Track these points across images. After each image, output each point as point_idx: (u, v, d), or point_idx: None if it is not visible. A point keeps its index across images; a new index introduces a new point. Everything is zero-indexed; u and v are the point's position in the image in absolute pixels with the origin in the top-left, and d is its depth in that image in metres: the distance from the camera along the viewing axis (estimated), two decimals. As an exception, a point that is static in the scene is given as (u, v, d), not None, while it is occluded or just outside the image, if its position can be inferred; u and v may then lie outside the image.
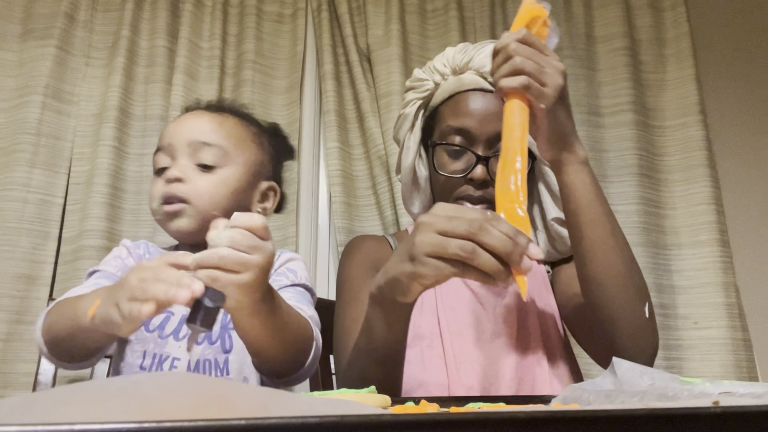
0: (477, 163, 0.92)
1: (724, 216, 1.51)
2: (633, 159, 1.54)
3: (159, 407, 0.30)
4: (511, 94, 0.72)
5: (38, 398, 0.31)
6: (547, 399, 0.60)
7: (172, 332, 0.77)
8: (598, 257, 0.77)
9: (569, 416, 0.31)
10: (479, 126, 0.92)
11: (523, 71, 0.70)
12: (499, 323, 0.91)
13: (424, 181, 1.02)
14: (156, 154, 0.86)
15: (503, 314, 0.92)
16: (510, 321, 0.92)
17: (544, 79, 0.71)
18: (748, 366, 1.40)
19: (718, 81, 1.75)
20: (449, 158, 0.95)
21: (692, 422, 0.31)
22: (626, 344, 0.78)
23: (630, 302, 0.77)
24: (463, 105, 0.94)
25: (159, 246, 0.91)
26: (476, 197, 0.93)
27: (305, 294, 0.84)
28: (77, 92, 1.55)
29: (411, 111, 1.01)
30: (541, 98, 0.71)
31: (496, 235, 0.57)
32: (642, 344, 0.79)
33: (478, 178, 0.91)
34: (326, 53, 1.62)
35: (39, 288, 1.40)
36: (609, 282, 0.77)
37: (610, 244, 0.77)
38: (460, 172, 0.93)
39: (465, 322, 0.91)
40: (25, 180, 1.43)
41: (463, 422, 0.30)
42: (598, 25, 1.66)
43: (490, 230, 0.57)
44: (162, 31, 1.58)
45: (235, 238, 0.53)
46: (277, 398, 0.35)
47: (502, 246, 0.56)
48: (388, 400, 0.55)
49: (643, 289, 0.80)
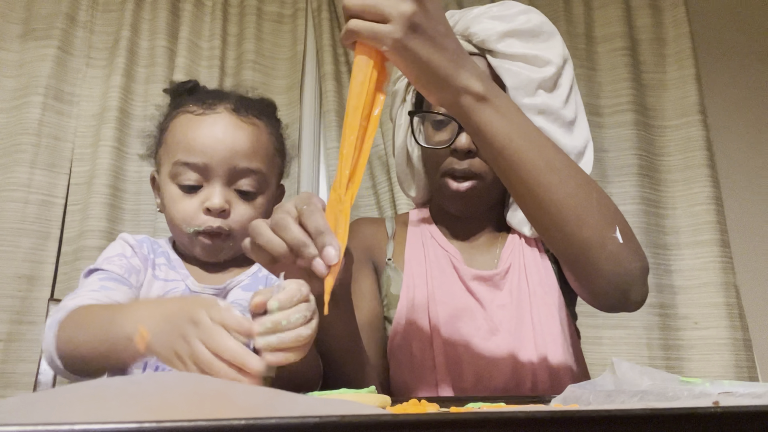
0: (460, 129, 0.84)
1: (724, 216, 1.51)
2: (633, 159, 1.54)
3: (159, 407, 0.30)
4: (357, 49, 0.60)
5: (38, 398, 0.31)
6: (547, 399, 0.60)
7: None
8: (540, 201, 0.66)
9: (569, 416, 0.31)
10: None
11: (351, 13, 0.59)
12: (495, 321, 0.86)
13: (416, 159, 0.96)
14: (180, 166, 0.78)
15: (499, 311, 0.87)
16: (507, 319, 0.87)
17: (384, 12, 0.57)
18: (748, 366, 1.40)
19: (718, 81, 1.75)
20: (433, 129, 0.89)
21: (692, 422, 0.31)
22: (609, 275, 0.70)
23: (594, 235, 0.68)
24: None
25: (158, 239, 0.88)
26: (460, 171, 0.86)
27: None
28: (77, 93, 1.55)
29: (401, 86, 0.96)
30: (380, 39, 0.58)
31: (291, 230, 0.55)
32: (627, 267, 0.70)
33: (462, 148, 0.84)
34: (326, 53, 1.62)
35: (40, 288, 1.40)
36: (562, 223, 0.67)
37: (549, 181, 0.65)
38: (445, 143, 0.86)
39: (458, 319, 0.87)
40: (26, 180, 1.43)
41: (463, 422, 0.30)
42: (598, 25, 1.66)
43: (287, 226, 0.56)
44: (162, 31, 1.58)
45: (291, 319, 0.49)
46: (277, 398, 0.35)
47: (291, 240, 0.55)
48: (388, 400, 0.55)
49: (609, 215, 0.70)
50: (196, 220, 0.77)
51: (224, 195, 0.77)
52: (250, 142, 0.80)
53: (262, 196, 0.82)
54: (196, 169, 0.78)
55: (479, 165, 0.86)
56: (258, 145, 0.81)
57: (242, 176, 0.79)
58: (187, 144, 0.78)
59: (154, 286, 0.79)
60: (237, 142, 0.78)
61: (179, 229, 0.79)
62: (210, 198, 0.77)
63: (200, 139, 0.78)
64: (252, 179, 0.79)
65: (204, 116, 0.80)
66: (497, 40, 0.83)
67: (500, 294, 0.89)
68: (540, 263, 0.92)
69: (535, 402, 0.58)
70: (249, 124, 0.81)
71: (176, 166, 0.78)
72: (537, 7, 1.67)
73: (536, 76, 0.82)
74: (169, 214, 0.81)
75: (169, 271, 0.81)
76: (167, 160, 0.81)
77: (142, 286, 0.78)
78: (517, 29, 0.83)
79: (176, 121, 0.82)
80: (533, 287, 0.89)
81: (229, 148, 0.78)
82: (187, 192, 0.78)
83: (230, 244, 0.79)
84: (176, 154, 0.79)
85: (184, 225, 0.78)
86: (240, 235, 0.78)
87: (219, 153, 0.77)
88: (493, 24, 0.84)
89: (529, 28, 0.84)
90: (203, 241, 0.78)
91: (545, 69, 0.83)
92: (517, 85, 0.83)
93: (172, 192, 0.79)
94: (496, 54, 0.84)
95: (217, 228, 0.77)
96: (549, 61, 0.84)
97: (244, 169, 0.78)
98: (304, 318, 0.50)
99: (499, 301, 0.88)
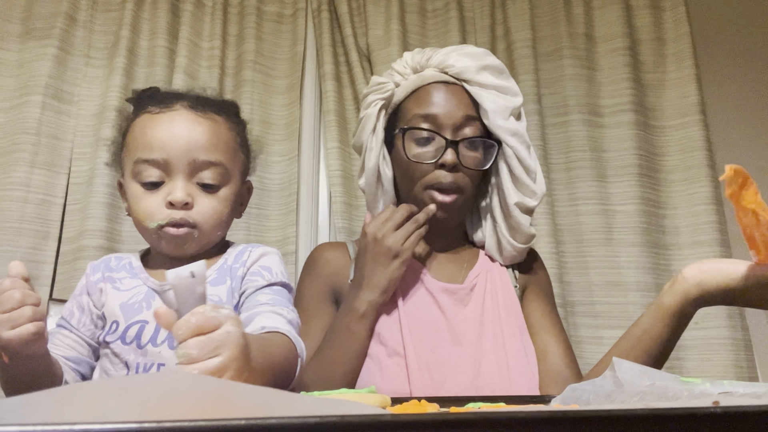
0: (447, 147, 0.93)
1: (724, 216, 1.51)
2: (633, 159, 1.54)
3: (159, 407, 0.30)
4: None
5: (38, 398, 0.31)
6: (547, 399, 0.60)
7: (150, 340, 0.76)
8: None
9: (569, 416, 0.31)
10: (445, 111, 0.94)
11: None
12: (461, 330, 0.92)
13: (387, 182, 1.01)
14: (141, 164, 0.79)
15: (465, 321, 0.93)
16: (472, 328, 0.92)
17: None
18: (748, 366, 1.40)
19: (718, 81, 1.75)
20: (417, 146, 0.95)
21: (692, 422, 0.31)
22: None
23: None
24: (428, 95, 0.96)
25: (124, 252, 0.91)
26: (447, 183, 0.93)
27: (283, 292, 0.81)
28: (77, 92, 1.54)
29: (373, 111, 1.00)
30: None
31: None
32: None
33: (449, 163, 0.92)
34: (326, 53, 1.62)
35: (39, 288, 1.40)
36: None
37: None
38: (431, 158, 0.94)
39: (427, 328, 0.92)
40: (25, 180, 1.43)
41: (463, 422, 0.30)
42: (598, 25, 1.66)
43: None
44: (162, 31, 1.58)
45: (190, 356, 0.48)
46: (277, 398, 0.35)
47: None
48: (388, 400, 0.55)
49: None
50: (160, 214, 0.78)
51: (186, 188, 0.79)
52: (209, 135, 0.81)
53: (226, 188, 0.82)
54: (156, 165, 0.79)
55: (462, 179, 0.95)
56: (217, 138, 0.82)
57: (202, 168, 0.80)
58: (146, 142, 0.80)
59: (115, 299, 0.80)
60: (195, 136, 0.80)
61: (143, 225, 0.80)
62: (172, 192, 0.78)
63: (158, 136, 0.79)
64: (213, 171, 0.80)
65: (161, 114, 0.82)
66: (475, 72, 0.96)
67: (464, 309, 0.95)
68: (508, 289, 0.99)
69: (535, 402, 0.59)
70: (207, 119, 0.82)
71: (137, 164, 0.80)
72: (537, 7, 1.69)
73: (510, 105, 0.96)
74: (133, 213, 0.82)
75: (131, 279, 0.82)
76: (129, 160, 0.82)
77: (99, 308, 0.81)
78: (488, 65, 0.97)
79: (135, 123, 0.84)
80: (498, 309, 0.96)
81: (186, 141, 0.79)
82: (149, 189, 0.79)
83: (195, 235, 0.80)
84: (137, 153, 0.80)
85: (148, 221, 0.79)
86: (205, 228, 0.80)
87: (177, 147, 0.78)
88: (467, 59, 0.97)
89: (496, 65, 0.98)
90: (168, 233, 0.78)
91: (516, 99, 0.97)
92: (495, 110, 0.95)
93: (135, 190, 0.80)
94: (473, 83, 0.96)
95: (180, 219, 0.78)
96: (517, 93, 0.98)
97: (203, 161, 0.79)
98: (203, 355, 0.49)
99: (463, 315, 0.95)
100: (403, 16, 1.65)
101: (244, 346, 0.51)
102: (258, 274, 0.81)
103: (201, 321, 0.49)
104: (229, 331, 0.50)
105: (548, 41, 1.67)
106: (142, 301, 0.79)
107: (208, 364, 0.48)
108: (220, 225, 0.82)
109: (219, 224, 0.82)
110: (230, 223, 0.86)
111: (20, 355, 0.63)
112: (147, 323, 0.77)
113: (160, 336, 0.76)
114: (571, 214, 1.56)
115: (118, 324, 0.78)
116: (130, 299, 0.79)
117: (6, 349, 0.62)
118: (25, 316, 0.61)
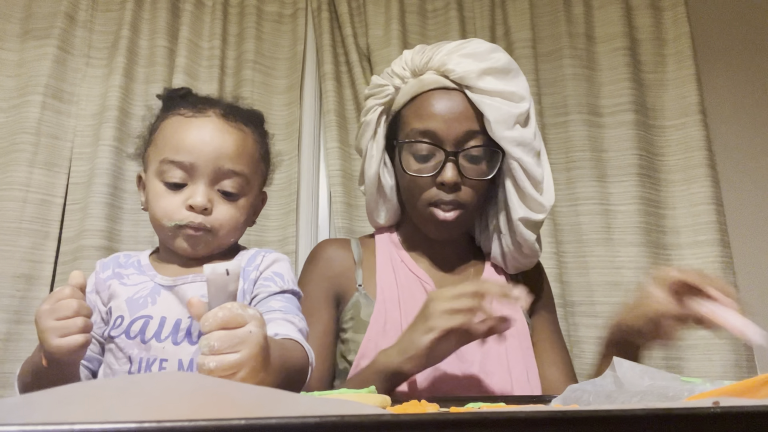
0: (446, 161, 0.89)
1: (724, 216, 1.51)
2: (633, 159, 1.54)
3: (159, 407, 0.30)
4: None
5: (38, 398, 0.31)
6: (547, 399, 0.60)
7: (153, 335, 0.77)
8: None
9: (569, 416, 0.31)
10: (445, 127, 0.90)
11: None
12: (463, 349, 0.88)
13: (389, 190, 0.99)
14: (167, 164, 0.81)
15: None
16: (474, 349, 0.89)
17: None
18: (748, 366, 1.40)
19: (718, 81, 1.75)
20: (416, 162, 0.92)
21: (692, 422, 0.31)
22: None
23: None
24: (427, 106, 0.91)
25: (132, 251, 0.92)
26: (448, 202, 0.91)
27: (293, 300, 0.82)
28: (77, 92, 1.54)
29: (373, 118, 0.98)
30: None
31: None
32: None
33: (449, 181, 0.89)
34: (326, 53, 1.62)
35: (39, 288, 1.40)
36: None
37: None
38: (430, 171, 0.91)
39: None
40: (25, 180, 1.43)
41: (463, 422, 0.30)
42: (598, 25, 1.66)
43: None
44: (162, 31, 1.58)
45: (212, 347, 0.51)
46: (277, 398, 0.35)
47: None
48: (388, 400, 0.55)
49: None
50: (179, 215, 0.80)
51: (207, 194, 0.80)
52: (236, 145, 0.83)
53: (245, 198, 0.84)
54: (182, 167, 0.80)
55: (464, 195, 0.91)
56: (243, 149, 0.84)
57: (226, 177, 0.81)
58: (176, 143, 0.81)
59: (122, 293, 0.81)
60: (224, 145, 0.82)
61: (160, 223, 0.81)
62: (193, 196, 0.80)
63: (189, 140, 0.81)
64: (235, 181, 0.82)
65: (194, 119, 0.83)
66: (477, 78, 0.89)
67: None
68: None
69: (535, 402, 0.59)
70: (236, 129, 0.84)
71: (163, 164, 0.81)
72: (537, 7, 1.68)
73: (515, 111, 0.89)
74: (152, 210, 0.83)
75: (138, 276, 0.83)
76: (155, 158, 0.83)
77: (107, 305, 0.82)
78: (492, 67, 0.90)
79: (166, 123, 0.85)
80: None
81: (215, 149, 0.81)
82: (171, 189, 0.81)
83: (209, 239, 0.81)
84: (164, 153, 0.82)
85: (166, 219, 0.80)
86: (220, 233, 0.82)
87: (205, 153, 0.80)
88: (468, 62, 0.90)
89: (501, 66, 0.90)
90: (185, 233, 0.80)
91: (521, 104, 0.90)
92: (498, 119, 0.88)
93: (157, 188, 0.82)
94: (475, 90, 0.89)
95: (198, 224, 0.80)
96: (523, 97, 0.91)
97: (228, 170, 0.81)
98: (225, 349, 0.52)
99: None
100: (403, 16, 1.65)
101: (264, 347, 0.53)
102: (271, 279, 0.83)
103: (227, 316, 0.52)
104: (251, 331, 0.53)
105: (548, 41, 1.67)
106: (147, 297, 0.80)
107: (227, 359, 0.51)
108: (235, 232, 0.84)
109: (233, 231, 0.84)
110: (244, 231, 0.87)
111: (60, 361, 0.65)
112: (151, 318, 0.78)
113: (164, 332, 0.77)
114: (571, 214, 1.56)
115: (123, 318, 0.79)
116: (136, 294, 0.80)
117: (51, 355, 0.64)
118: (77, 326, 0.63)
